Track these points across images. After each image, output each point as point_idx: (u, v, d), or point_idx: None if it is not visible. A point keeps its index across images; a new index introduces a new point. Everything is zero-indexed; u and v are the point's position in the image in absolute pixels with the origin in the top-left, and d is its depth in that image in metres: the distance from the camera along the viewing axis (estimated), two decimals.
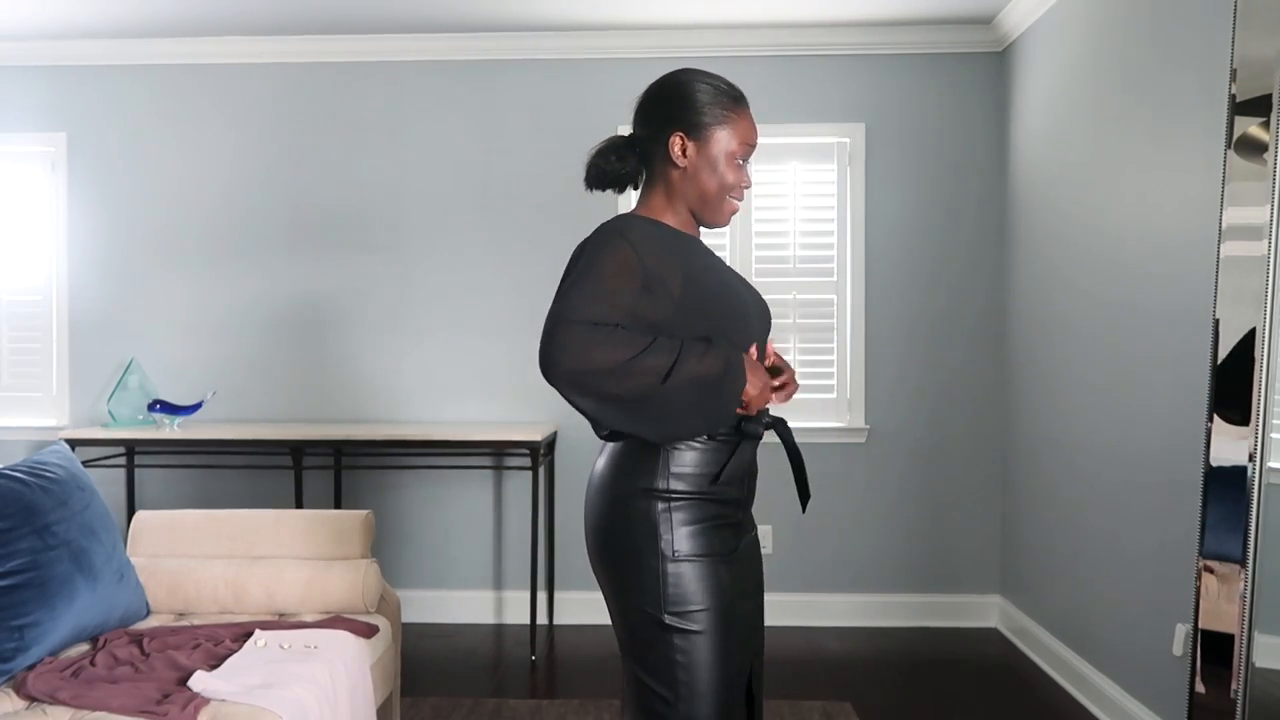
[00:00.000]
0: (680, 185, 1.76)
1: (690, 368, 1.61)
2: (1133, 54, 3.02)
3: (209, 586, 2.70)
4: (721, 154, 1.74)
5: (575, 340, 1.58)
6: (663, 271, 1.65)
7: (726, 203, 1.78)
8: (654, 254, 1.66)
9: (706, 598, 1.67)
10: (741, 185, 1.77)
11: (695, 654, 1.67)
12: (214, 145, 4.35)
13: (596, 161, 1.80)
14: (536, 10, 3.94)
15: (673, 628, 1.66)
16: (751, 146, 1.78)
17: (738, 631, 1.73)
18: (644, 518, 1.69)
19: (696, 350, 1.62)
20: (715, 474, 1.70)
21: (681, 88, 1.76)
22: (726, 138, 1.74)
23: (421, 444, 3.85)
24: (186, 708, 1.96)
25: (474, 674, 3.66)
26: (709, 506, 1.70)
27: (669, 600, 1.67)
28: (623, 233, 1.68)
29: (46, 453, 2.55)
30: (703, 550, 1.68)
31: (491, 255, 4.28)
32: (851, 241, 4.21)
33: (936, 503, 4.24)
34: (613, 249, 1.65)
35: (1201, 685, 2.05)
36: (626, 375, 1.58)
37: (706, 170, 1.74)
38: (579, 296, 1.61)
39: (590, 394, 1.62)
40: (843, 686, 3.50)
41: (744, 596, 1.76)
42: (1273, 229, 1.94)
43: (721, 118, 1.74)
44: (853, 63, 4.22)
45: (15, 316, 4.41)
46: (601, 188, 1.82)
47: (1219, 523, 2.04)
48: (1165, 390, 2.78)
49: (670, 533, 1.67)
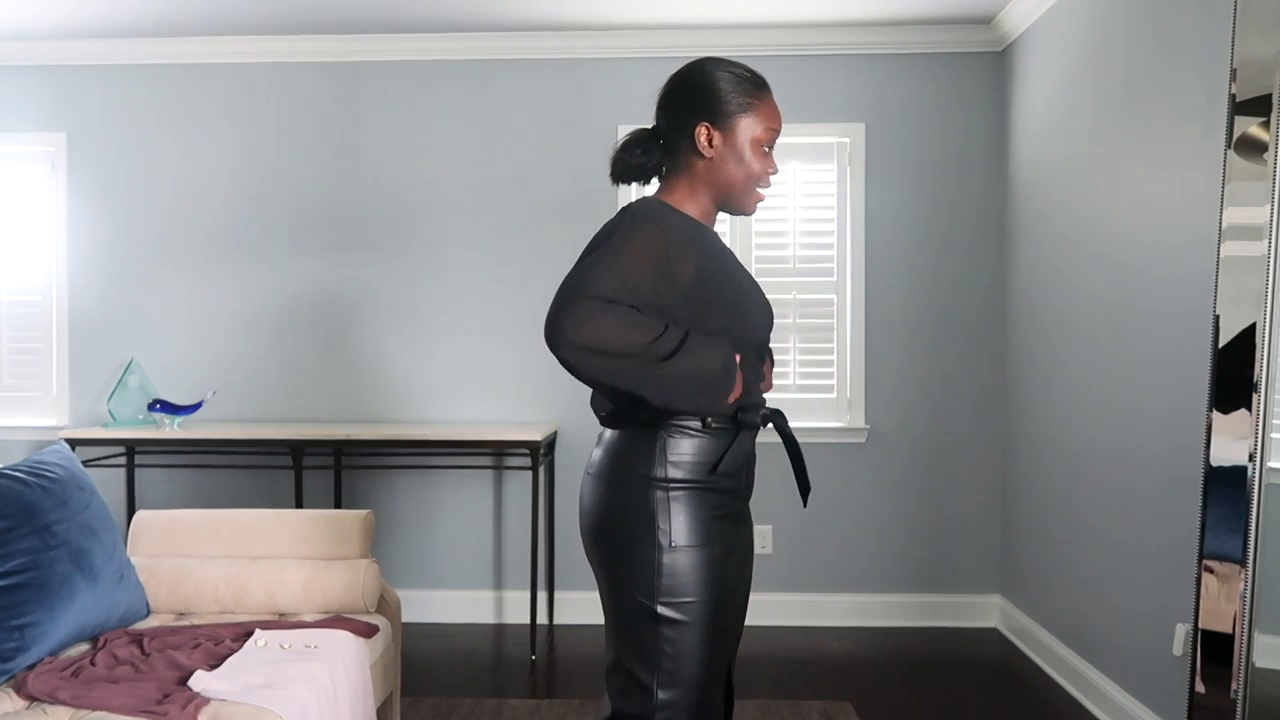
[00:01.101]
0: (706, 175, 1.76)
1: (691, 359, 1.62)
2: (1133, 54, 3.02)
3: (209, 586, 2.70)
4: (747, 142, 1.74)
5: (586, 314, 1.57)
6: (680, 260, 1.67)
7: (753, 192, 1.78)
8: (676, 243, 1.68)
9: (701, 589, 1.68)
10: (769, 172, 1.78)
11: (682, 644, 1.67)
12: (214, 145, 4.35)
13: (621, 155, 1.80)
14: (537, 10, 3.94)
15: (663, 617, 1.66)
16: (776, 131, 1.78)
17: (727, 624, 1.74)
18: (641, 506, 1.68)
19: (700, 343, 1.64)
20: (714, 463, 1.70)
21: (705, 77, 1.76)
22: (752, 125, 1.74)
23: (421, 444, 3.85)
24: (186, 708, 1.96)
25: (474, 674, 3.66)
26: (708, 496, 1.71)
27: (662, 590, 1.67)
28: (656, 219, 1.69)
29: (46, 453, 2.55)
30: (700, 541, 1.68)
31: (492, 255, 4.28)
32: (851, 241, 4.21)
33: (936, 503, 4.24)
34: (645, 233, 1.65)
35: (1201, 685, 2.05)
36: (628, 357, 1.59)
37: (733, 159, 1.74)
38: (600, 271, 1.60)
39: (590, 369, 1.61)
40: (843, 686, 3.50)
41: (736, 590, 1.77)
42: (1273, 229, 1.94)
43: (746, 105, 1.74)
44: (853, 63, 4.22)
45: (15, 316, 4.41)
46: (627, 181, 1.82)
47: (1219, 523, 2.03)
48: (1165, 390, 2.78)
49: (668, 522, 1.67)
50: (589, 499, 1.77)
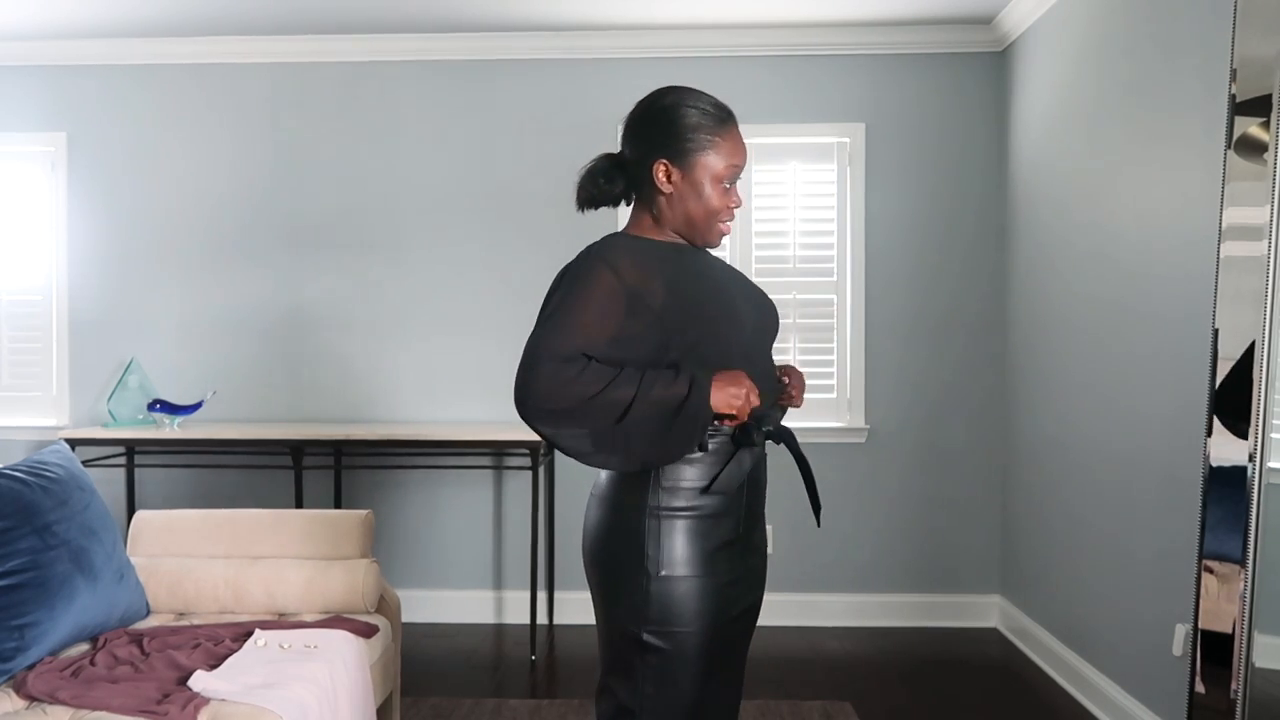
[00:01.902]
0: (666, 210, 1.72)
1: (655, 396, 1.58)
2: (1133, 54, 3.02)
3: (209, 586, 2.70)
4: (707, 179, 1.69)
5: (543, 379, 1.60)
6: (644, 286, 1.63)
7: (714, 226, 1.73)
8: (635, 270, 1.64)
9: (692, 620, 1.65)
10: (729, 207, 1.72)
11: (668, 674, 1.65)
12: (214, 145, 4.35)
13: (585, 183, 1.77)
14: (535, 10, 3.94)
15: (649, 645, 1.64)
16: (739, 167, 1.72)
17: (723, 655, 1.70)
18: (632, 533, 1.66)
19: (662, 379, 1.60)
20: (705, 485, 1.66)
21: (665, 112, 1.71)
22: (713, 162, 1.69)
23: (422, 444, 3.85)
24: (186, 707, 1.96)
25: (474, 674, 3.66)
26: (703, 523, 1.66)
27: (649, 618, 1.64)
28: (603, 256, 1.66)
29: (46, 452, 2.55)
30: (693, 571, 1.65)
31: (491, 255, 4.28)
32: (851, 241, 4.21)
33: (936, 502, 4.23)
34: (593, 277, 1.64)
35: (1201, 685, 2.05)
36: (590, 412, 1.59)
37: (692, 196, 1.70)
38: (551, 331, 1.62)
39: (558, 431, 1.62)
40: (843, 686, 3.50)
41: (733, 622, 1.72)
42: (1273, 229, 1.94)
43: (706, 143, 1.68)
44: (853, 63, 4.22)
45: (15, 316, 4.41)
46: (593, 207, 1.79)
47: (1219, 523, 2.03)
48: (1165, 390, 2.78)
49: (658, 549, 1.65)
50: (589, 522, 1.76)
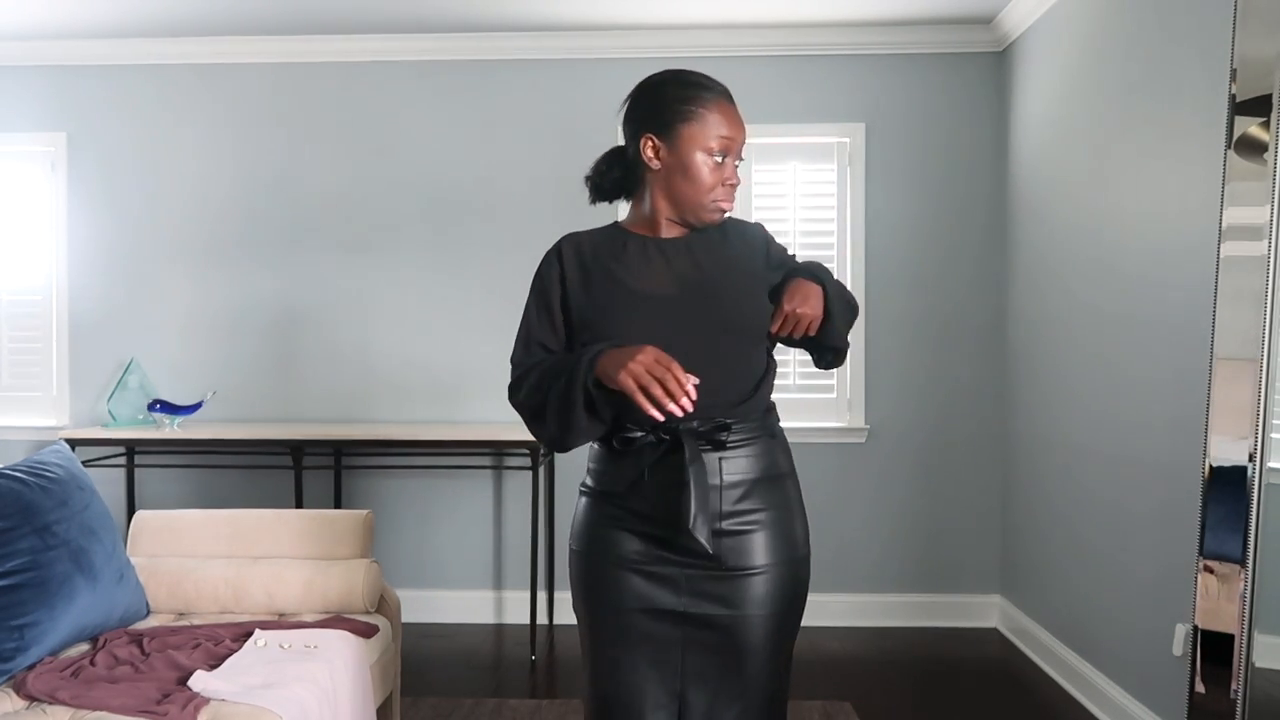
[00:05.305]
0: (656, 189, 1.69)
1: (557, 369, 1.66)
2: (1133, 54, 3.02)
3: (209, 586, 2.70)
4: (694, 151, 1.63)
5: (511, 385, 1.75)
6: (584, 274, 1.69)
7: (707, 204, 1.66)
8: (577, 259, 1.71)
9: (580, 592, 1.74)
10: (724, 183, 1.65)
11: (583, 643, 1.76)
12: (214, 145, 4.35)
13: (591, 175, 1.80)
14: (534, 10, 3.94)
15: (577, 612, 1.77)
16: (730, 140, 1.64)
17: (621, 640, 1.67)
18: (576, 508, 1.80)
19: (569, 358, 1.66)
20: (605, 470, 1.73)
21: (650, 88, 1.69)
22: (697, 133, 1.63)
23: (421, 444, 3.85)
24: (186, 708, 1.96)
25: (474, 674, 3.66)
26: (603, 503, 1.72)
27: (571, 587, 1.79)
28: (554, 249, 1.75)
29: (46, 453, 2.55)
30: (583, 546, 1.73)
31: (491, 254, 4.28)
32: (851, 241, 4.21)
33: (937, 503, 4.23)
34: (538, 273, 1.75)
35: (1201, 685, 2.05)
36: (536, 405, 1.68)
37: (679, 171, 1.64)
38: (517, 339, 1.77)
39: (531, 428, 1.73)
40: (843, 686, 3.50)
41: (651, 619, 1.66)
42: (1273, 229, 1.94)
43: (688, 114, 1.63)
44: (853, 63, 4.22)
45: (15, 316, 4.41)
46: (605, 199, 1.81)
47: (1219, 523, 2.03)
48: (1165, 390, 2.78)
49: (574, 524, 1.77)
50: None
